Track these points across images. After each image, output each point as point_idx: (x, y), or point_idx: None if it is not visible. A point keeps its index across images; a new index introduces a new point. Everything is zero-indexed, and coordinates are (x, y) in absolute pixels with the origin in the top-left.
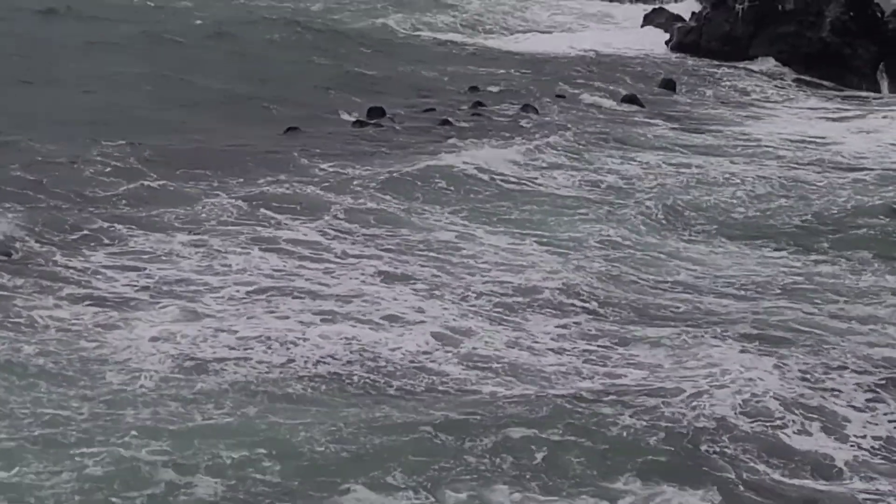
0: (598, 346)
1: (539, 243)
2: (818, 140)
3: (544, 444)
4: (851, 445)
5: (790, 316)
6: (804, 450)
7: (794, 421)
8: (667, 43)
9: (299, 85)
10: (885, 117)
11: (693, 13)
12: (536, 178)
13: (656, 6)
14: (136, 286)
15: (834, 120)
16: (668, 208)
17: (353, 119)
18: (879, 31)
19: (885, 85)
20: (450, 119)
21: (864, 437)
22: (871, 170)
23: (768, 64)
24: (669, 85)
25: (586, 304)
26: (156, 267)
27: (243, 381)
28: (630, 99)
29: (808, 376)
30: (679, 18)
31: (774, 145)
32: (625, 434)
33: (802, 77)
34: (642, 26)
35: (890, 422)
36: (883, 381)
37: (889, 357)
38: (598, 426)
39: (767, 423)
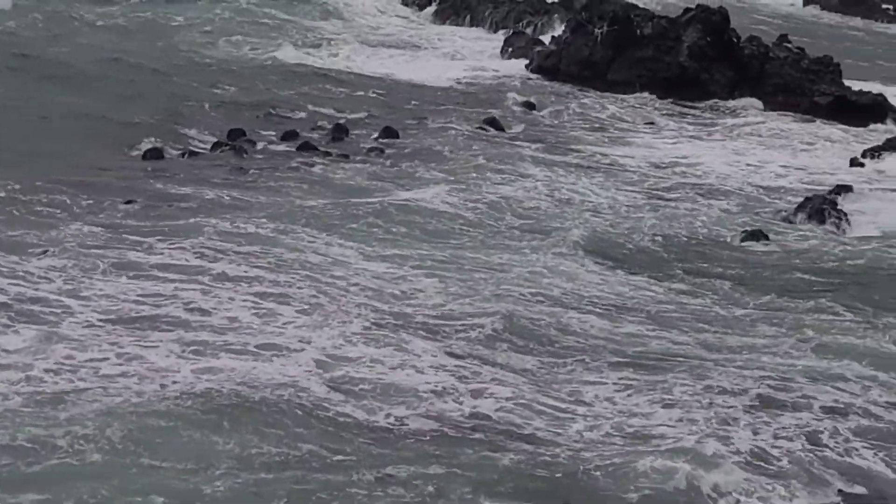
0: (477, 368)
1: (416, 266)
2: (678, 162)
3: (428, 474)
4: (734, 461)
5: (659, 340)
6: (688, 471)
7: (671, 441)
8: (527, 67)
9: (159, 109)
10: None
11: (553, 37)
12: (408, 200)
13: (518, 30)
14: None
15: (692, 142)
16: (537, 230)
17: (214, 141)
18: (735, 55)
19: (741, 108)
20: (311, 142)
21: (740, 449)
22: (730, 192)
23: (628, 87)
24: (529, 107)
25: (466, 326)
26: (12, 290)
27: (107, 413)
28: (490, 122)
29: (681, 399)
30: (539, 42)
31: (636, 167)
32: (508, 460)
33: (661, 100)
34: (502, 50)
35: (779, 437)
36: (756, 403)
37: (765, 377)
38: (482, 451)
39: (644, 445)
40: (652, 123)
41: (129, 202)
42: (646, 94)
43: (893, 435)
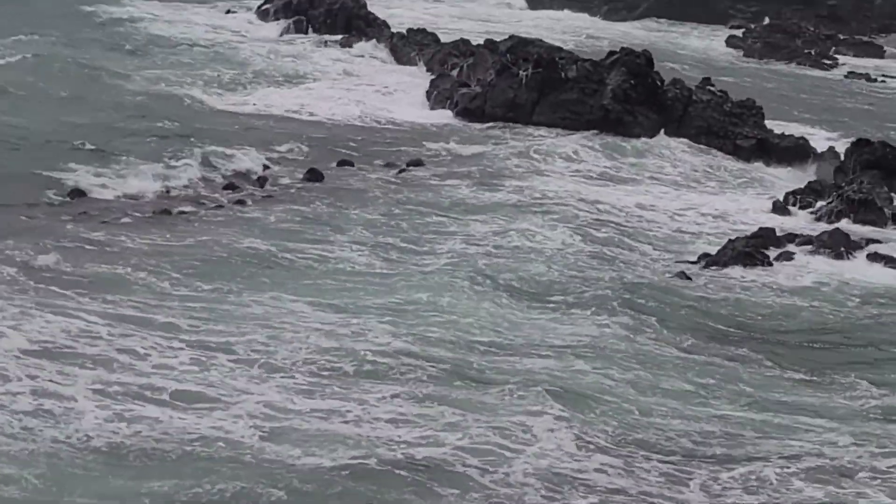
0: (420, 411)
1: (361, 312)
2: (602, 202)
3: None
4: None
5: (595, 379)
6: None
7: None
8: (452, 109)
9: (81, 147)
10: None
11: (478, 80)
12: (345, 244)
13: (444, 72)
14: None
15: (616, 183)
16: (477, 273)
17: (137, 180)
18: (659, 98)
19: (665, 150)
20: (235, 182)
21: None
22: (654, 234)
23: (553, 129)
24: (454, 148)
25: (408, 368)
26: None
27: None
28: (416, 163)
29: (609, 441)
30: (464, 84)
31: (565, 207)
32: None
33: (586, 142)
34: (427, 92)
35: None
36: (689, 457)
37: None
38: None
39: (561, 493)
40: (577, 164)
41: (55, 245)
42: (570, 136)
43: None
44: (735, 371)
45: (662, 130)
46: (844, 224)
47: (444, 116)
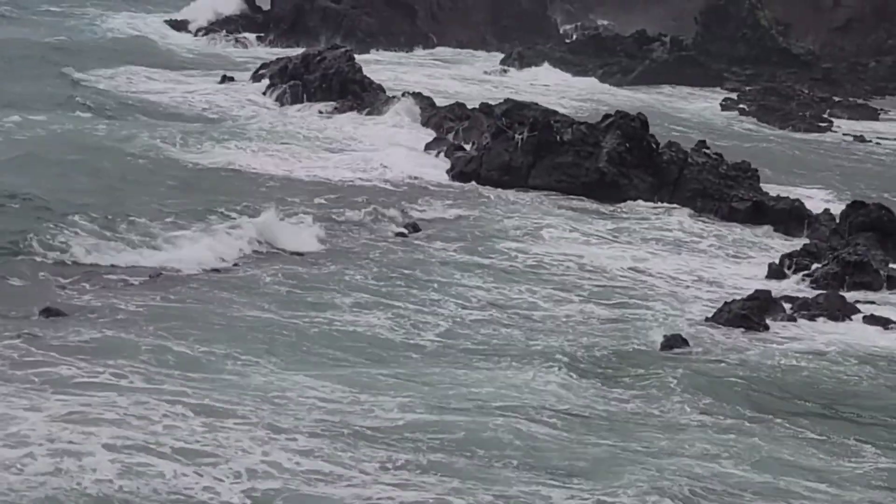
0: (423, 481)
1: (363, 385)
2: (598, 265)
3: None
4: None
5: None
6: None
7: None
8: (448, 172)
9: (77, 211)
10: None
11: (473, 143)
12: (351, 308)
13: (440, 135)
14: None
15: (609, 246)
16: (483, 342)
17: (134, 238)
18: (654, 161)
19: (660, 213)
20: (231, 244)
21: None
22: (651, 297)
23: (549, 192)
24: (450, 211)
25: (416, 440)
26: None
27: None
28: (412, 226)
29: None
30: (460, 148)
31: (562, 273)
32: None
33: (581, 204)
34: (423, 153)
35: None
36: None
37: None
38: None
39: None
40: (573, 228)
41: (54, 311)
42: (566, 199)
43: None
44: (738, 432)
45: (658, 193)
46: (840, 287)
47: (441, 179)
